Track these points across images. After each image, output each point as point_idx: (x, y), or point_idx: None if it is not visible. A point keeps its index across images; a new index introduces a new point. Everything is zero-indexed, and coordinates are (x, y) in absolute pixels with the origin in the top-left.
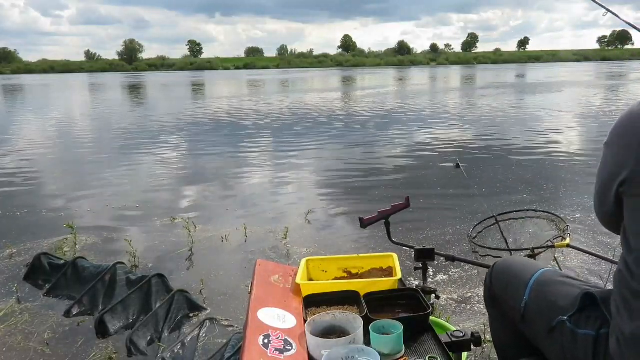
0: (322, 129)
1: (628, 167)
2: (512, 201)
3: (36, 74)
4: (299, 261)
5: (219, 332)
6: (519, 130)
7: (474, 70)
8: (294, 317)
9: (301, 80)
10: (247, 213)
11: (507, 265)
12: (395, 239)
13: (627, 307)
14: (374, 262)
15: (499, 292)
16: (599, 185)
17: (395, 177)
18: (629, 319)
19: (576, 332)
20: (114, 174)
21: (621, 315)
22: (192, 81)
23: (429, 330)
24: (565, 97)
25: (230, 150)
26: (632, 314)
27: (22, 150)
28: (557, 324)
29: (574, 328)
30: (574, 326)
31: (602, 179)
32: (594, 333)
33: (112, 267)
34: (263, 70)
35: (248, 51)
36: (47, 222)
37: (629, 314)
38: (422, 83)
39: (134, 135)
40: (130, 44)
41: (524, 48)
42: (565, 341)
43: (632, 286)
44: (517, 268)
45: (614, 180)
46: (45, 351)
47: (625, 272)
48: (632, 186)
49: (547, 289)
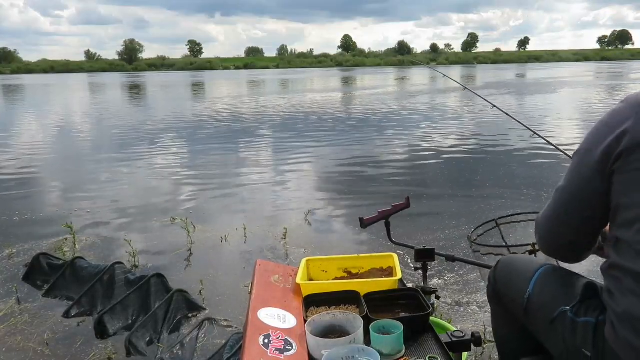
0: (322, 129)
1: (627, 134)
2: (513, 201)
3: (36, 73)
4: (299, 261)
5: (218, 333)
6: (519, 130)
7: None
8: (294, 317)
9: (301, 81)
10: (247, 213)
11: (511, 262)
12: (396, 239)
13: (618, 287)
14: (374, 262)
15: (503, 288)
16: (573, 191)
17: (396, 177)
18: (622, 297)
19: (576, 321)
20: (114, 174)
21: (613, 298)
22: (192, 81)
23: (429, 330)
24: (565, 97)
25: (229, 150)
26: (623, 292)
27: (22, 150)
28: (558, 314)
29: (574, 317)
30: (574, 315)
31: (583, 173)
32: (593, 320)
33: (110, 267)
34: (263, 70)
35: (248, 51)
36: (46, 222)
37: (620, 293)
38: (422, 83)
39: (134, 135)
40: (130, 44)
41: (524, 48)
42: (565, 331)
43: (622, 264)
44: (521, 264)
45: (609, 157)
46: (45, 352)
47: (614, 254)
48: (629, 159)
49: (550, 282)
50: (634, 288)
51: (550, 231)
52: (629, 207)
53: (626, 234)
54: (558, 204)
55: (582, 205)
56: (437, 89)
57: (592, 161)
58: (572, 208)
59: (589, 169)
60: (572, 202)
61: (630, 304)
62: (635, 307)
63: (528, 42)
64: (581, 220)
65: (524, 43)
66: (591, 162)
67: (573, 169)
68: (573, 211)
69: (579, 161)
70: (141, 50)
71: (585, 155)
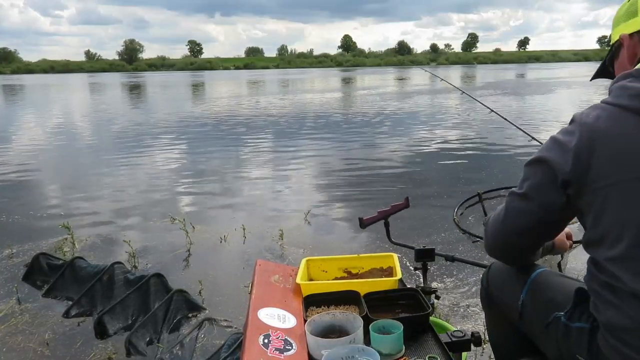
0: (321, 129)
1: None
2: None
3: (36, 73)
4: (299, 261)
5: (218, 333)
6: (520, 130)
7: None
8: (294, 317)
9: (301, 81)
10: (246, 213)
11: (504, 265)
12: (395, 239)
13: (600, 299)
14: (374, 262)
15: (496, 292)
16: (527, 200)
17: (395, 177)
18: (604, 309)
19: (570, 326)
20: (114, 174)
21: (597, 310)
22: (192, 81)
23: (429, 330)
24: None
25: (229, 150)
26: (605, 305)
27: (21, 150)
28: (552, 320)
29: (567, 322)
30: (567, 321)
31: (537, 185)
32: (588, 325)
33: (110, 267)
34: (263, 70)
35: (248, 51)
36: (46, 222)
37: (602, 305)
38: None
39: (133, 135)
40: (130, 44)
41: (524, 48)
42: (560, 336)
43: (601, 279)
44: (514, 268)
45: (565, 175)
46: (45, 352)
47: (591, 267)
48: (587, 180)
49: (544, 287)
50: (612, 300)
51: (495, 231)
52: (595, 226)
53: (597, 252)
54: (509, 211)
55: (535, 215)
56: (437, 89)
57: (547, 175)
58: (524, 217)
59: (544, 182)
60: (524, 212)
61: (612, 316)
62: (617, 318)
63: (528, 42)
64: (532, 229)
65: (524, 43)
66: (546, 177)
67: (528, 180)
68: (524, 220)
69: (534, 172)
70: (141, 50)
71: (539, 168)
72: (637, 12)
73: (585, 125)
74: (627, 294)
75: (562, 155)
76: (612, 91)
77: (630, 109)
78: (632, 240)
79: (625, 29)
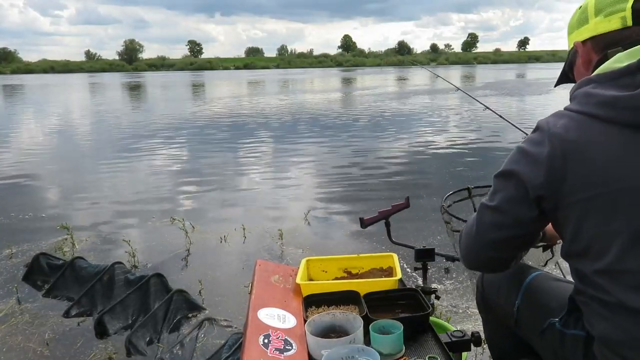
0: (321, 129)
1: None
2: None
3: (36, 73)
4: (298, 261)
5: (218, 333)
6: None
7: (474, 70)
8: (294, 317)
9: (301, 81)
10: (246, 213)
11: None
12: (396, 239)
13: (589, 312)
14: (374, 262)
15: (491, 296)
16: (500, 213)
17: (396, 177)
18: (595, 322)
19: (564, 333)
20: (113, 174)
21: (589, 322)
22: (192, 81)
23: (429, 330)
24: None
25: (229, 151)
26: (594, 317)
27: (21, 150)
28: (548, 326)
29: (562, 329)
30: (562, 327)
31: (508, 197)
32: (583, 333)
33: (110, 267)
34: (263, 70)
35: (248, 51)
36: (46, 222)
37: (593, 317)
38: (422, 83)
39: (133, 135)
40: (130, 44)
41: (524, 48)
42: (555, 342)
43: (589, 292)
44: (509, 272)
45: (538, 188)
46: (45, 352)
47: (576, 280)
48: (562, 193)
49: (539, 292)
50: (603, 313)
51: (469, 246)
52: (576, 238)
53: (580, 264)
54: (481, 225)
55: (509, 229)
56: (437, 89)
57: (518, 190)
58: (498, 231)
59: (516, 196)
60: (497, 225)
61: (605, 329)
62: (610, 332)
63: (528, 42)
64: (507, 241)
65: (524, 43)
66: (517, 191)
67: (499, 193)
68: (498, 234)
69: (504, 185)
70: (141, 50)
71: (509, 182)
72: (588, 20)
73: (555, 136)
74: (618, 306)
75: (532, 168)
76: (575, 97)
77: (600, 118)
78: (619, 252)
79: (578, 36)
